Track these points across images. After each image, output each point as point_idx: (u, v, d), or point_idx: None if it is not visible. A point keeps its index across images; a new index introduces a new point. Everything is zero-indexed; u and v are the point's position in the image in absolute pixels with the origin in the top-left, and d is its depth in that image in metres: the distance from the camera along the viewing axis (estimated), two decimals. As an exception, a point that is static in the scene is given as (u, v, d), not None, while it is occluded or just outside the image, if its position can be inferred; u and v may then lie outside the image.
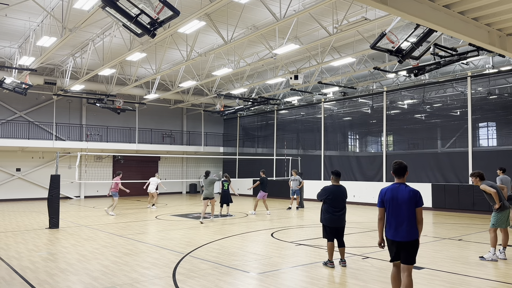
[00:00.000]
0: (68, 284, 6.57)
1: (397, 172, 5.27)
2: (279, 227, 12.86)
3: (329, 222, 7.56)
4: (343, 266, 7.52)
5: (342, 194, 7.66)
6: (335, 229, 7.61)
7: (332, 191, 7.61)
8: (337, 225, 7.59)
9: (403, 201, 5.10)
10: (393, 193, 5.19)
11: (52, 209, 12.88)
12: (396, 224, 5.13)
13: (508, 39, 9.51)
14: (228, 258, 8.39)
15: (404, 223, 5.09)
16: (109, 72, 20.25)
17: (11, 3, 13.75)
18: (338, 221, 7.58)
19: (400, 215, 5.11)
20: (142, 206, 20.54)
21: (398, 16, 9.52)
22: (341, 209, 7.58)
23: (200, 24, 13.58)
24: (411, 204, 5.08)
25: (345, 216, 7.68)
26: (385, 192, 5.28)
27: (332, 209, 7.52)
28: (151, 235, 11.40)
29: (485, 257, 8.09)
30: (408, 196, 5.09)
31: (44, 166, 25.33)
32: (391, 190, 5.23)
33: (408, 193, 5.10)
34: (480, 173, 8.38)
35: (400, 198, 5.12)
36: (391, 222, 5.19)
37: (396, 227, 5.13)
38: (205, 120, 31.96)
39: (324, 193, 7.65)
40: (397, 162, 5.30)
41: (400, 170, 5.25)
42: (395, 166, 5.28)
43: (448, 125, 19.88)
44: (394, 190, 5.20)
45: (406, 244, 5.09)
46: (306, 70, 19.59)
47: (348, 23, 13.35)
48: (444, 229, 12.42)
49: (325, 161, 23.58)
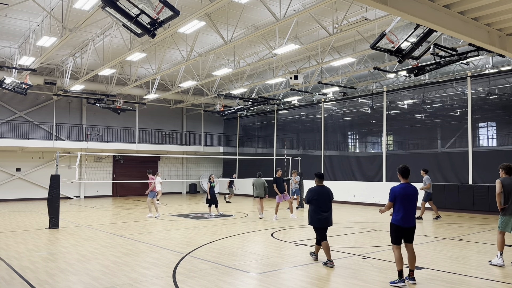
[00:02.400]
0: (68, 284, 6.57)
1: (404, 174, 6.57)
2: (279, 227, 12.86)
3: (318, 223, 7.75)
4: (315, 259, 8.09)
5: (327, 194, 7.87)
6: (325, 230, 7.81)
7: (318, 192, 7.80)
8: (326, 225, 7.80)
9: (413, 196, 6.45)
10: (404, 191, 6.43)
11: (52, 209, 12.89)
12: (409, 214, 6.43)
13: (508, 39, 9.51)
14: (228, 258, 8.39)
15: (413, 213, 6.51)
16: (109, 72, 20.24)
17: (11, 3, 13.76)
18: (326, 222, 7.78)
19: (411, 207, 6.44)
20: (142, 206, 20.53)
21: (398, 16, 9.53)
22: (328, 209, 7.80)
23: (200, 24, 13.58)
24: (416, 198, 6.51)
25: (332, 216, 7.88)
26: (398, 190, 6.46)
27: (319, 210, 7.72)
28: (151, 235, 11.40)
29: (492, 261, 7.81)
30: (414, 192, 6.48)
31: (44, 166, 25.33)
32: (403, 188, 6.47)
33: (414, 190, 6.50)
34: (508, 166, 7.88)
35: (411, 194, 6.44)
36: (404, 213, 6.39)
37: (409, 217, 6.43)
38: (205, 120, 31.97)
39: (310, 194, 7.82)
40: (403, 165, 6.63)
41: (407, 172, 6.57)
42: (402, 169, 6.58)
43: (448, 125, 19.87)
44: (405, 189, 6.46)
45: (413, 229, 6.54)
46: (306, 70, 19.59)
47: (348, 23, 13.35)
48: (444, 229, 12.42)
49: (325, 161, 23.58)
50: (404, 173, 6.54)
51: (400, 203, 6.40)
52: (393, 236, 6.55)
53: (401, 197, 6.39)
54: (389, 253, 8.86)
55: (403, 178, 6.55)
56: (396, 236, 6.51)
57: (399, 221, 6.42)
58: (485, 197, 16.43)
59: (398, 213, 6.42)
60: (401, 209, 6.39)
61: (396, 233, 6.50)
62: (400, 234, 6.47)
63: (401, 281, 6.30)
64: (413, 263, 6.54)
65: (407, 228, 6.45)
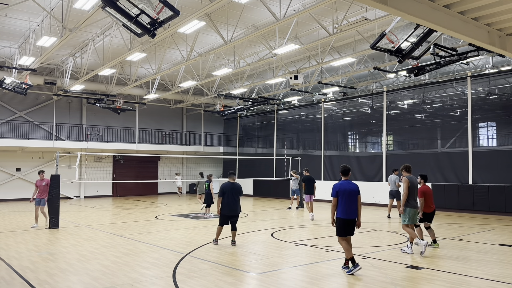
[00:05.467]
0: (68, 284, 6.57)
1: (343, 173, 7.50)
2: (279, 227, 12.86)
3: (227, 211, 9.61)
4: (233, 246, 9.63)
5: (236, 189, 9.66)
6: (230, 217, 9.69)
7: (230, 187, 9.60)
8: (232, 213, 9.68)
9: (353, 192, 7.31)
10: (344, 187, 7.28)
11: (52, 209, 12.89)
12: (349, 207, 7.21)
13: (508, 39, 9.51)
14: (228, 258, 8.39)
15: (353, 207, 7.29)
16: (109, 72, 20.24)
17: (11, 3, 13.75)
18: (233, 211, 9.65)
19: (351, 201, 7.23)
20: (142, 206, 20.54)
21: (398, 16, 9.53)
22: (234, 201, 9.63)
23: (200, 24, 13.58)
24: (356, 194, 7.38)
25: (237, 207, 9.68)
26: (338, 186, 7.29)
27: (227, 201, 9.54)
28: (151, 235, 11.40)
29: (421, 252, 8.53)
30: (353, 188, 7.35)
31: (44, 166, 25.32)
32: (343, 184, 7.32)
33: (353, 186, 7.40)
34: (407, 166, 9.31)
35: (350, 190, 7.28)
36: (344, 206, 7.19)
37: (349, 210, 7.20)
38: (205, 120, 31.97)
39: (221, 189, 9.66)
40: (343, 165, 7.58)
41: (346, 171, 7.49)
42: (341, 168, 7.51)
43: (448, 125, 19.87)
44: (344, 185, 7.32)
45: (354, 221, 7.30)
46: (306, 70, 19.59)
47: (348, 23, 13.35)
48: (444, 229, 12.42)
49: (325, 161, 23.58)
50: (343, 172, 7.45)
51: (341, 198, 7.21)
52: (337, 228, 7.29)
53: (341, 192, 7.21)
54: (389, 253, 8.87)
55: (343, 176, 7.44)
56: (339, 228, 7.24)
57: (340, 214, 7.21)
58: (485, 197, 16.43)
59: (340, 207, 7.22)
60: (342, 203, 7.18)
61: (339, 225, 7.23)
62: (343, 225, 7.18)
63: (356, 266, 7.05)
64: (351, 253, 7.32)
65: (348, 220, 7.18)
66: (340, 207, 7.21)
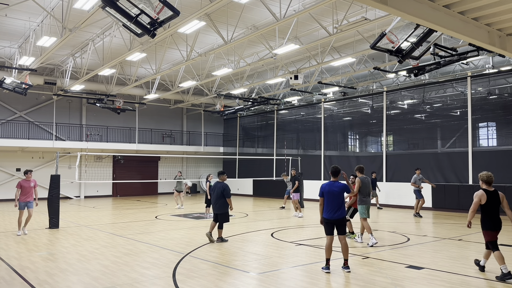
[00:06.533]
0: (68, 284, 6.57)
1: (333, 174, 7.54)
2: (279, 227, 12.86)
3: (213, 208, 10.36)
4: (218, 242, 10.10)
5: (218, 188, 10.15)
6: (216, 214, 10.25)
7: (215, 186, 10.28)
8: (215, 211, 10.26)
9: (338, 192, 7.36)
10: (330, 187, 7.40)
11: (52, 209, 12.90)
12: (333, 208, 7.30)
13: (508, 39, 9.51)
14: (228, 258, 8.39)
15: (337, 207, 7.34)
16: (109, 72, 20.24)
17: (11, 3, 13.75)
18: (215, 208, 10.27)
19: (335, 202, 7.32)
20: (142, 206, 20.54)
21: (398, 16, 9.52)
22: (217, 199, 10.15)
23: (200, 24, 13.58)
24: (341, 194, 7.48)
25: (219, 205, 10.13)
26: (324, 187, 7.42)
27: (213, 199, 10.25)
28: (151, 235, 11.40)
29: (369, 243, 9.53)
30: (339, 189, 7.41)
31: (44, 166, 25.32)
32: (329, 185, 7.43)
33: (339, 187, 7.42)
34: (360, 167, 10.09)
35: (335, 191, 7.36)
36: (329, 206, 7.30)
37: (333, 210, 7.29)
38: (205, 120, 31.96)
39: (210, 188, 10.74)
40: (333, 166, 7.65)
41: (335, 172, 7.52)
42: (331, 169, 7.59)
43: (448, 125, 19.87)
44: (330, 185, 7.42)
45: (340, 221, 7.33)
46: (306, 70, 19.59)
47: (348, 23, 13.35)
48: (444, 229, 12.42)
49: (325, 161, 23.58)
50: (333, 173, 7.51)
51: (326, 198, 7.31)
52: (324, 227, 7.41)
53: (326, 193, 7.31)
54: (389, 253, 8.87)
55: (333, 176, 7.48)
56: (325, 227, 7.35)
57: (325, 214, 7.31)
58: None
59: (325, 207, 7.32)
60: (327, 203, 7.29)
61: (325, 225, 7.35)
62: (327, 225, 7.27)
63: (326, 268, 7.21)
64: (346, 253, 7.34)
65: (333, 220, 7.23)
66: (324, 207, 7.34)
